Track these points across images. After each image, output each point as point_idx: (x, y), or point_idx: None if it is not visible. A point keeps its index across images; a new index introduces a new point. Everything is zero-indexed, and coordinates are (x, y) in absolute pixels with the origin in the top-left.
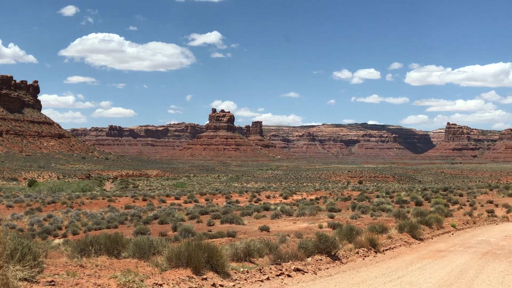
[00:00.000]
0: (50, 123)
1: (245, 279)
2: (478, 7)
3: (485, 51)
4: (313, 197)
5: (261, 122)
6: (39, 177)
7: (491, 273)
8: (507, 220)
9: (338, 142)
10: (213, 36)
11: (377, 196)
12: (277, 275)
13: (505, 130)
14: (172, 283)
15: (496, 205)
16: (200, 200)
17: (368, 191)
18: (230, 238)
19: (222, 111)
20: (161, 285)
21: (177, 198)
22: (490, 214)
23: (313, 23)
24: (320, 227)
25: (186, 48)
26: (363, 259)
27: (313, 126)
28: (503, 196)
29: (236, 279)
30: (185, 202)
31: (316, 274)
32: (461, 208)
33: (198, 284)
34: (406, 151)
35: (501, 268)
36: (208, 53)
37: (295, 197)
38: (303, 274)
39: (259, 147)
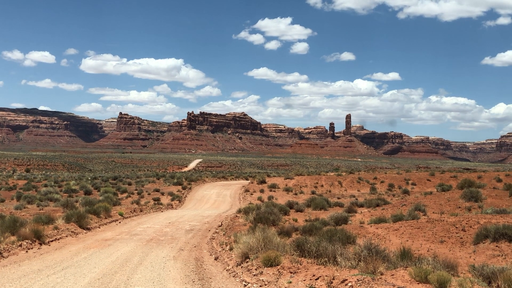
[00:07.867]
0: None
1: None
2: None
3: (159, 46)
4: None
5: None
6: None
7: (154, 259)
8: (172, 207)
9: (5, 128)
10: None
11: (45, 185)
12: None
13: (173, 122)
14: None
15: (162, 194)
16: None
17: (36, 180)
18: None
19: None
20: None
21: None
22: (156, 202)
23: None
24: None
25: None
26: (27, 251)
27: None
28: (169, 185)
29: None
30: None
31: None
32: (130, 196)
33: None
34: (78, 139)
35: (164, 253)
36: None
37: None
38: None
39: None
